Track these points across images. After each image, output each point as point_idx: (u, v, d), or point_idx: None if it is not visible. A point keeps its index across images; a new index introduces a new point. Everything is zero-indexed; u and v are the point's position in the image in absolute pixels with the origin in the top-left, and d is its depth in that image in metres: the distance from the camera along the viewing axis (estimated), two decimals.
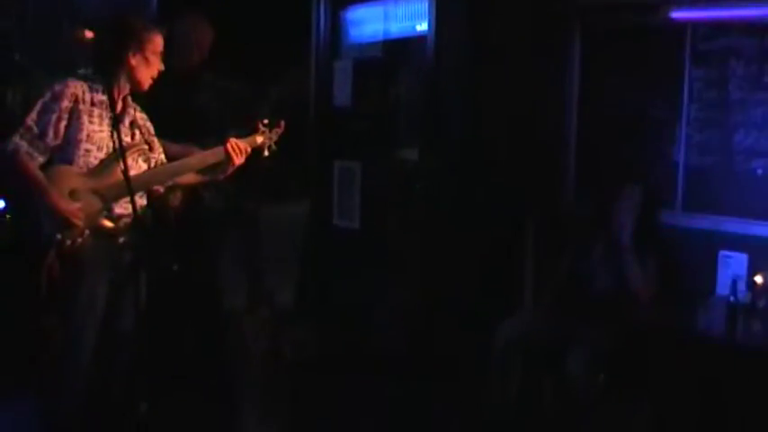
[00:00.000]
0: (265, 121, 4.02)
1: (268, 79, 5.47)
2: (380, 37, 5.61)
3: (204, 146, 4.48)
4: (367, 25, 5.73)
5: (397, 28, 5.51)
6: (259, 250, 5.42)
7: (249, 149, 3.90)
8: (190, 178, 3.94)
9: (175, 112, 4.30)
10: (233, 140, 3.86)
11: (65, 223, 3.48)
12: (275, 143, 4.04)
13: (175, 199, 4.12)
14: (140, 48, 3.65)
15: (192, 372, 4.59)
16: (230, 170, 3.90)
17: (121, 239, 3.64)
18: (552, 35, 5.15)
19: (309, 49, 5.96)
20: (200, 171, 3.91)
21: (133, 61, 3.65)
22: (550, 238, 4.94)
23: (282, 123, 4.06)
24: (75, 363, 3.64)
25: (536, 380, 4.42)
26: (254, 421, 4.39)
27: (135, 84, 3.70)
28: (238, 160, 3.86)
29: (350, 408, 4.61)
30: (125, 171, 3.36)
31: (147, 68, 3.70)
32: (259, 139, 3.99)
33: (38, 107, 3.55)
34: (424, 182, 5.24)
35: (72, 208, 3.49)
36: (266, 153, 4.02)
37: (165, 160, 3.92)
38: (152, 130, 3.91)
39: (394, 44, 5.56)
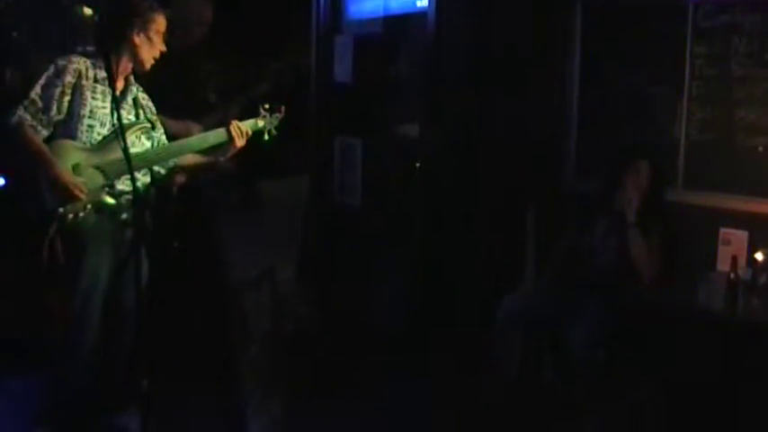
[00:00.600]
0: (266, 106, 4.03)
1: (269, 55, 5.44)
2: (381, 13, 5.59)
3: (203, 123, 4.51)
4: (367, 1, 5.70)
5: (397, 4, 5.49)
6: (261, 227, 5.42)
7: (250, 132, 3.91)
8: (191, 159, 3.95)
9: (176, 89, 4.30)
10: (235, 123, 3.87)
11: (67, 196, 3.48)
12: (276, 128, 4.05)
13: (178, 177, 4.11)
14: (145, 27, 3.66)
15: (194, 349, 4.61)
16: (231, 152, 3.90)
17: (124, 216, 3.65)
18: (553, 12, 5.13)
19: (310, 24, 5.93)
20: (201, 152, 3.91)
21: (137, 40, 3.65)
22: (552, 214, 4.95)
23: (283, 108, 4.07)
24: (80, 339, 3.66)
25: (537, 355, 4.43)
26: (256, 398, 4.40)
27: (137, 63, 3.71)
28: (239, 143, 3.86)
29: (350, 384, 4.63)
30: (125, 149, 3.35)
31: (150, 48, 3.70)
32: (260, 123, 3.99)
33: (42, 81, 3.56)
34: (424, 158, 5.24)
35: (75, 181, 3.49)
36: (267, 137, 4.03)
37: (166, 141, 3.92)
38: (154, 109, 3.91)
39: (394, 20, 5.53)
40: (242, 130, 3.86)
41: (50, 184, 3.46)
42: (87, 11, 5.62)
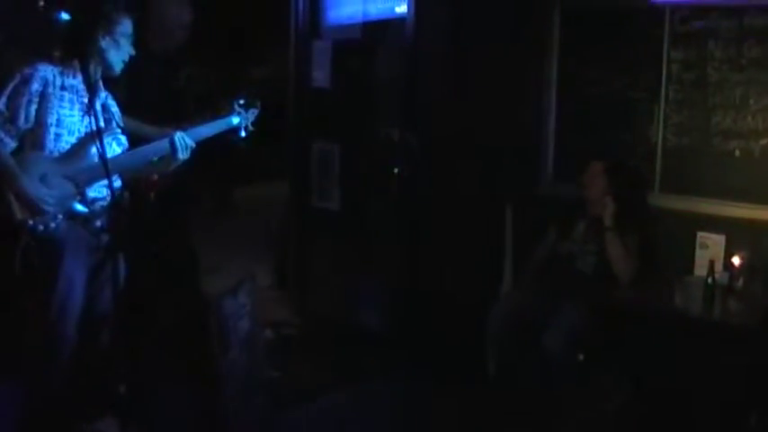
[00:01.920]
0: (241, 102, 3.98)
1: (247, 60, 5.44)
2: (359, 18, 5.58)
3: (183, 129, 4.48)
4: (345, 7, 5.69)
5: (375, 9, 5.49)
6: (240, 232, 5.40)
7: (194, 145, 3.81)
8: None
9: (155, 93, 4.27)
10: (179, 134, 3.78)
11: (33, 210, 3.45)
12: (252, 123, 4.00)
13: (153, 182, 4.08)
14: (110, 30, 3.62)
15: (172, 355, 4.58)
16: (173, 166, 3.81)
17: (98, 223, 3.62)
18: (532, 15, 5.14)
19: (288, 30, 5.92)
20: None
21: (103, 43, 3.61)
22: (530, 217, 4.96)
23: (259, 103, 4.02)
24: (57, 345, 3.62)
25: (520, 359, 4.44)
26: (237, 404, 4.38)
27: (106, 67, 3.67)
28: (182, 156, 3.77)
29: (330, 389, 4.62)
30: (102, 154, 3.32)
31: (118, 51, 3.66)
32: (235, 120, 3.95)
33: (8, 91, 3.52)
34: (402, 164, 5.24)
35: (40, 194, 3.46)
36: (244, 134, 3.98)
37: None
38: (120, 115, 3.86)
39: (373, 26, 5.53)
40: (186, 142, 3.79)
41: (16, 197, 3.44)
42: (65, 15, 5.59)
